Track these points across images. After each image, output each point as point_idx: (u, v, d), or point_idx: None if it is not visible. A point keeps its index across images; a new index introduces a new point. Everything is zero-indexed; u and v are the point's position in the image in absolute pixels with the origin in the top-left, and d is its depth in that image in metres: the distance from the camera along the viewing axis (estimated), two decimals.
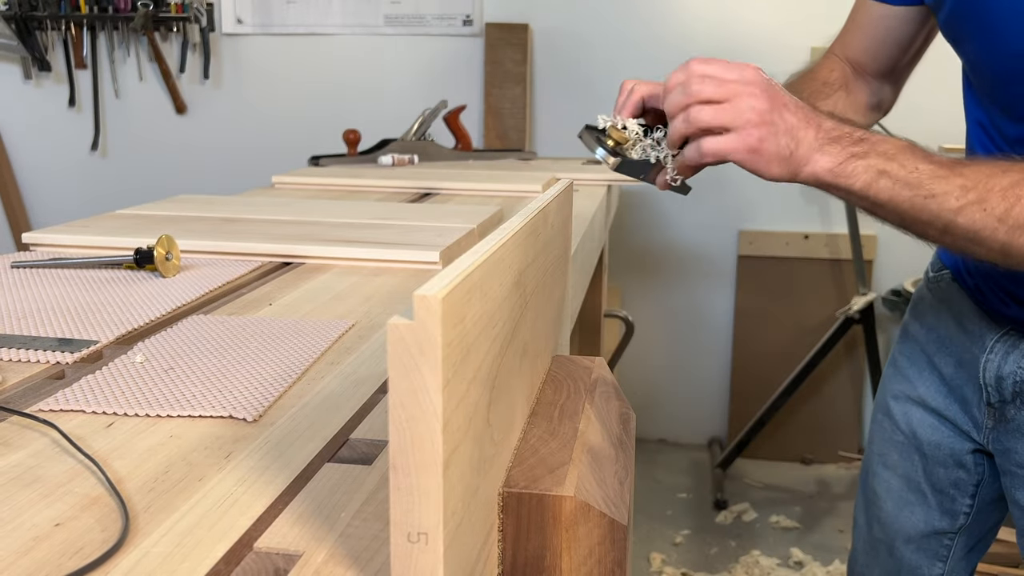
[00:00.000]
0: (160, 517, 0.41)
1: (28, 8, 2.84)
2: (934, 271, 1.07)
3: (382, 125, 2.45)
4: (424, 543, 0.32)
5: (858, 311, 2.43)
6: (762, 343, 2.70)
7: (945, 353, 1.03)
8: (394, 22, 2.77)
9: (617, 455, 0.48)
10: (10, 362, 0.63)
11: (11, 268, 0.90)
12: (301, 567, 0.37)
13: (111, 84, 2.92)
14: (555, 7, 2.68)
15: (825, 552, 2.21)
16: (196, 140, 2.93)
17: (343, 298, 0.81)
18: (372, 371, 0.61)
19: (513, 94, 2.67)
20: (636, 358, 2.74)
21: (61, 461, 0.46)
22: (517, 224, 0.45)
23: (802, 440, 2.69)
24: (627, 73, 2.67)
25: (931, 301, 1.07)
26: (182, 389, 0.56)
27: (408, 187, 1.56)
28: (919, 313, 1.09)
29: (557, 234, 0.60)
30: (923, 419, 1.06)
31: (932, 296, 1.07)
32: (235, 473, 0.45)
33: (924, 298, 1.09)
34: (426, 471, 0.31)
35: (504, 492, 0.41)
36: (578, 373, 0.57)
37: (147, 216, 1.14)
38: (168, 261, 0.87)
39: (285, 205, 1.25)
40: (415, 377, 0.30)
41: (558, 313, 0.62)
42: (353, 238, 1.00)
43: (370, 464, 0.47)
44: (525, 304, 0.47)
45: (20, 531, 0.39)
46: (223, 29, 2.85)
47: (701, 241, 2.73)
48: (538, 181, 1.55)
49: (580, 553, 0.41)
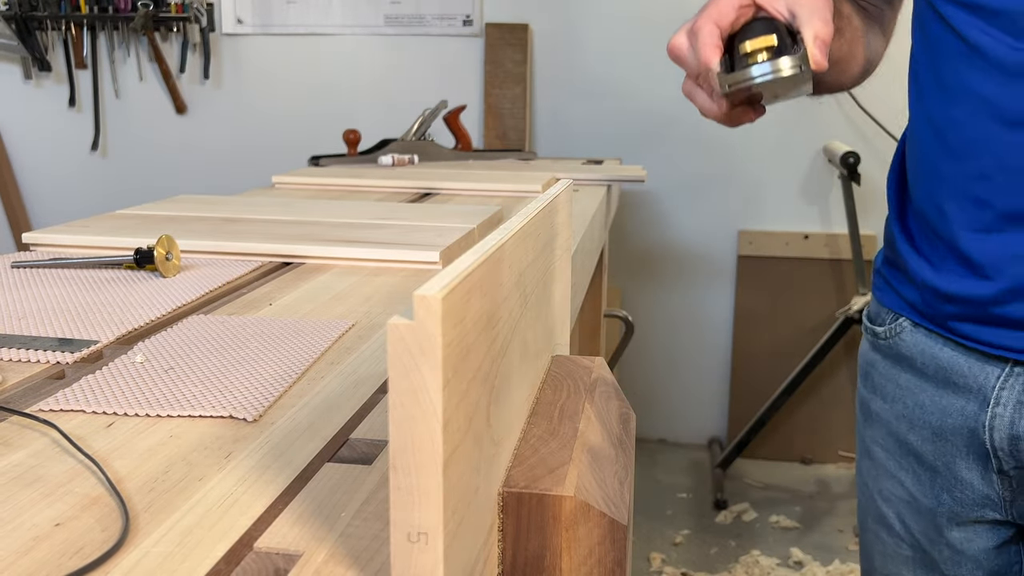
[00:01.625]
0: (160, 517, 0.41)
1: (28, 8, 2.84)
2: (882, 326, 0.85)
3: (382, 125, 2.45)
4: (424, 543, 0.32)
5: (858, 311, 2.43)
6: (762, 343, 2.70)
7: (920, 428, 0.81)
8: (394, 22, 2.77)
9: (617, 455, 0.48)
10: (10, 362, 0.63)
11: (11, 268, 0.90)
12: (301, 567, 0.37)
13: (111, 84, 2.93)
14: (555, 7, 2.68)
15: (825, 552, 2.21)
16: (196, 140, 2.93)
17: (343, 298, 0.81)
18: (372, 371, 0.61)
19: (513, 94, 2.67)
20: (636, 358, 2.74)
21: (61, 461, 0.46)
22: (517, 224, 0.45)
23: (802, 440, 2.69)
24: (627, 73, 2.68)
25: (885, 367, 0.85)
26: (182, 389, 0.57)
27: (408, 187, 1.56)
28: (874, 386, 0.87)
29: (557, 234, 0.60)
30: (926, 524, 0.82)
31: (885, 360, 0.85)
32: (235, 473, 0.45)
33: (875, 365, 0.86)
34: (426, 471, 0.31)
35: (504, 492, 0.41)
36: (578, 373, 0.57)
37: (147, 216, 1.14)
38: (168, 261, 0.88)
39: (285, 205, 1.25)
40: (415, 377, 0.30)
41: (558, 313, 0.62)
42: (353, 238, 1.00)
43: (370, 464, 0.47)
44: (525, 304, 0.47)
45: (20, 531, 0.39)
46: (223, 29, 2.85)
47: (701, 241, 2.73)
48: (538, 181, 1.55)
49: (580, 553, 0.41)
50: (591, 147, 2.70)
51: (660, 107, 2.66)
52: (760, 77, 0.66)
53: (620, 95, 2.68)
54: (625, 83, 2.68)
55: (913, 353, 0.81)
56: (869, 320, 0.88)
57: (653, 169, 2.61)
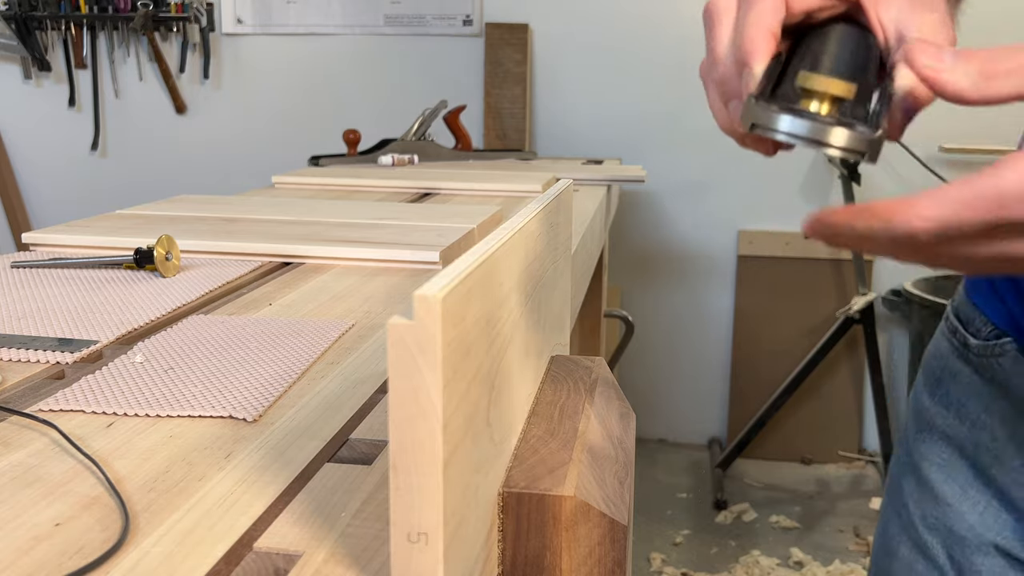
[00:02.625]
0: (160, 517, 0.41)
1: (28, 8, 2.84)
2: (976, 337, 0.69)
3: (382, 125, 2.45)
4: (424, 543, 0.32)
5: (858, 311, 2.43)
6: (762, 343, 2.70)
7: (1014, 470, 0.67)
8: (394, 22, 2.77)
9: (617, 455, 0.48)
10: (10, 362, 0.63)
11: (11, 268, 0.90)
12: (301, 567, 0.37)
13: (111, 84, 2.93)
14: (555, 7, 2.68)
15: (825, 552, 2.21)
16: (196, 140, 2.93)
17: (343, 298, 0.81)
18: (372, 371, 0.61)
19: (513, 94, 2.67)
20: (636, 358, 2.74)
21: (61, 461, 0.46)
22: (517, 224, 0.45)
23: (802, 440, 2.69)
24: (626, 73, 2.67)
25: (976, 384, 0.70)
26: (182, 389, 0.56)
27: (408, 187, 1.56)
28: (951, 400, 0.72)
29: (557, 234, 0.60)
30: (990, 566, 0.70)
31: (974, 375, 0.70)
32: (235, 473, 0.45)
33: (956, 376, 0.72)
34: (426, 471, 0.31)
35: (504, 492, 0.41)
36: (578, 373, 0.57)
37: (147, 216, 1.14)
38: (168, 261, 0.87)
39: (285, 205, 1.25)
40: (415, 377, 0.30)
41: (558, 313, 0.62)
42: (353, 238, 1.00)
43: (370, 464, 0.47)
44: (525, 304, 0.47)
45: (20, 531, 0.39)
46: (223, 29, 2.85)
47: (701, 241, 2.73)
48: (538, 181, 1.55)
49: (580, 553, 0.41)
50: (591, 147, 2.70)
51: (660, 107, 2.66)
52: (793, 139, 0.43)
53: (620, 95, 2.68)
54: (625, 83, 2.68)
55: (1014, 384, 0.66)
56: (958, 319, 0.72)
57: (653, 169, 2.61)
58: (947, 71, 0.38)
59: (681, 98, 2.63)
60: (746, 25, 0.45)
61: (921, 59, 0.39)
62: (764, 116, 0.43)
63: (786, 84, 0.45)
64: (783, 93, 0.44)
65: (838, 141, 0.41)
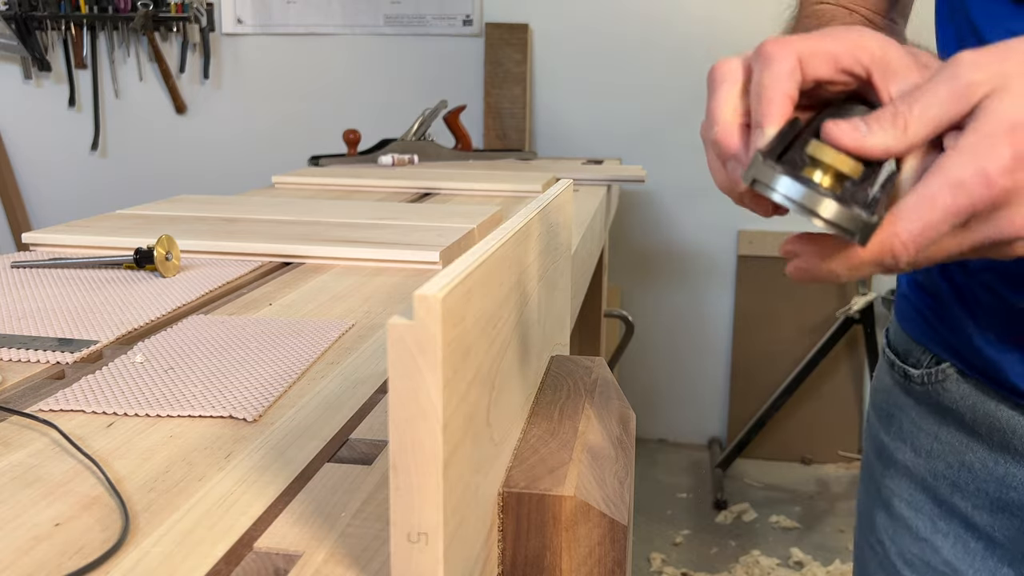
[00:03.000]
0: (160, 517, 0.41)
1: (28, 8, 2.84)
2: (916, 367, 0.70)
3: (382, 125, 2.45)
4: (424, 543, 0.32)
5: (858, 311, 2.43)
6: (762, 343, 2.71)
7: (970, 494, 0.67)
8: (394, 22, 2.77)
9: (617, 455, 0.48)
10: (10, 362, 0.63)
11: (11, 268, 0.90)
12: (301, 567, 0.37)
13: (111, 84, 2.93)
14: (555, 7, 2.68)
15: (825, 552, 2.21)
16: (196, 140, 2.93)
17: (343, 298, 0.81)
18: (372, 371, 0.61)
19: (513, 94, 2.67)
20: (636, 358, 2.74)
21: (61, 461, 0.46)
22: (517, 224, 0.45)
23: (802, 440, 2.69)
24: (627, 73, 2.67)
25: (919, 416, 0.70)
26: (182, 389, 0.56)
27: (408, 187, 1.56)
28: (901, 434, 0.72)
29: (557, 234, 0.60)
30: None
31: (919, 406, 0.70)
32: (235, 473, 0.45)
33: (904, 410, 0.72)
34: (426, 471, 0.31)
35: (504, 492, 0.41)
36: (578, 373, 0.57)
37: (147, 216, 1.14)
38: (168, 261, 0.88)
39: (285, 205, 1.25)
40: (415, 377, 0.30)
41: (558, 313, 0.62)
42: (353, 238, 1.00)
43: (370, 464, 0.47)
44: (525, 304, 0.47)
45: (20, 531, 0.39)
46: (223, 29, 2.85)
47: (701, 241, 2.73)
48: (538, 181, 1.55)
49: (580, 553, 0.41)
50: (591, 147, 2.70)
51: (660, 107, 2.66)
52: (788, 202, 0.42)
53: (620, 95, 2.68)
54: (625, 83, 2.68)
55: (961, 408, 0.66)
56: (895, 354, 0.72)
57: (653, 169, 2.61)
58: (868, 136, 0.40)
59: (681, 98, 2.63)
60: (763, 87, 0.45)
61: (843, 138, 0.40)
62: (766, 174, 0.43)
63: (795, 150, 0.45)
64: (790, 158, 0.44)
65: (828, 214, 0.41)
